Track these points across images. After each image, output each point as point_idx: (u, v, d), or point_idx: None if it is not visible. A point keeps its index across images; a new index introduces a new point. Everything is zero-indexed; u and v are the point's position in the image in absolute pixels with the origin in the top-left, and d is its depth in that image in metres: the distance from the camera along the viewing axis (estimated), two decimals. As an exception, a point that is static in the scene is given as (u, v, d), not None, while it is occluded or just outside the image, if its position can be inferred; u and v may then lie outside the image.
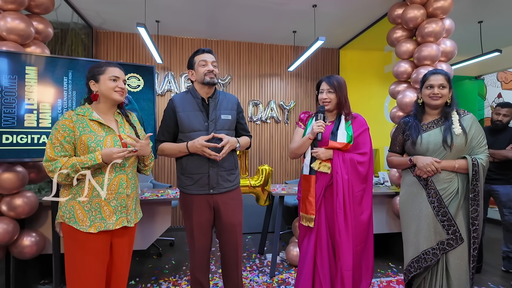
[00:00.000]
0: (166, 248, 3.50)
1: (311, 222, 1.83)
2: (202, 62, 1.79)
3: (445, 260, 1.72)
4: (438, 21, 2.69)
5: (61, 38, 3.46)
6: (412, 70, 2.86)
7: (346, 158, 1.80)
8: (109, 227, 1.44)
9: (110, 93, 1.49)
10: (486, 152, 1.70)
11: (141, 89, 2.33)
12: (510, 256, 2.89)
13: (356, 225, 1.80)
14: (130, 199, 1.53)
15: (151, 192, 2.74)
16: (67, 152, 1.42)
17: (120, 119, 1.59)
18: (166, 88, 4.18)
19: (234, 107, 1.90)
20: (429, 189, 1.76)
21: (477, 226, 1.67)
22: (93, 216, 1.42)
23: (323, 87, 1.88)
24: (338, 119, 1.88)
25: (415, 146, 1.81)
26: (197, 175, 1.76)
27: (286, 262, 3.03)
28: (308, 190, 1.84)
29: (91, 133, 1.44)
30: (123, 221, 1.49)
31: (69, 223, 1.41)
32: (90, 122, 1.46)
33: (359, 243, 1.82)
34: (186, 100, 1.82)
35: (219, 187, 1.78)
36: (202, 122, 1.78)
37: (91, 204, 1.42)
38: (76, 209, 1.42)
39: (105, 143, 1.45)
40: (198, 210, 1.77)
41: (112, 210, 1.46)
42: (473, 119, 1.73)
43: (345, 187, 1.77)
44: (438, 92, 1.75)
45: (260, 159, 4.48)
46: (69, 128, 1.42)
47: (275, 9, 3.40)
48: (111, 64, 1.54)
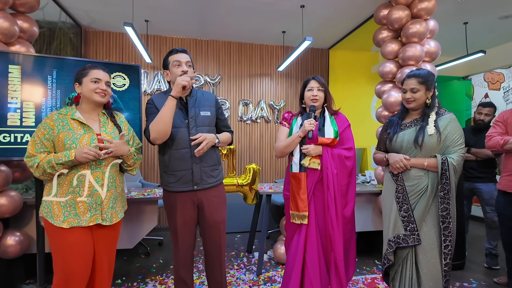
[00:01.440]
0: (155, 248, 3.50)
1: (305, 219, 1.86)
2: (176, 63, 1.78)
3: (414, 255, 1.77)
4: (422, 22, 2.74)
5: (49, 37, 3.44)
6: (397, 70, 2.91)
7: (335, 154, 1.87)
8: (82, 223, 1.48)
9: (91, 94, 1.55)
10: (460, 152, 1.73)
11: (126, 88, 2.33)
12: (492, 253, 2.95)
13: (343, 217, 1.88)
14: (106, 197, 1.55)
15: (138, 191, 2.74)
16: (46, 149, 1.49)
17: (104, 119, 1.63)
18: (156, 87, 4.18)
19: (212, 104, 1.91)
20: (397, 185, 1.82)
21: (447, 225, 1.70)
22: (67, 212, 1.47)
23: (313, 85, 1.94)
24: (323, 116, 1.96)
25: (391, 143, 1.88)
26: (180, 171, 1.76)
27: (274, 260, 3.06)
28: (299, 188, 1.87)
29: (69, 131, 1.50)
30: (98, 218, 1.52)
31: (47, 217, 1.47)
32: (71, 121, 1.53)
33: (347, 233, 1.91)
34: (165, 99, 1.77)
35: (203, 183, 1.79)
36: (182, 119, 1.78)
37: (66, 200, 1.47)
38: (53, 205, 1.48)
39: (80, 141, 1.49)
40: (182, 208, 1.78)
41: (87, 207, 1.50)
42: (451, 119, 1.76)
43: (335, 182, 1.85)
44: (410, 96, 1.81)
45: (250, 159, 4.50)
46: (49, 126, 1.49)
47: (264, 9, 3.42)
48: (96, 67, 1.59)
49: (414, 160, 1.77)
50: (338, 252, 1.82)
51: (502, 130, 2.25)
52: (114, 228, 1.62)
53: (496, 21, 3.69)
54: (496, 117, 2.33)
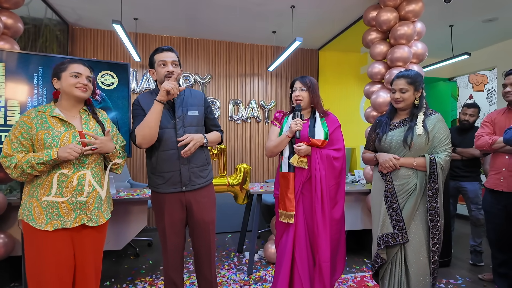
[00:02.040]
0: (144, 248, 3.46)
1: (291, 218, 1.87)
2: (161, 62, 1.74)
3: (404, 253, 1.80)
4: (410, 24, 2.79)
5: (34, 34, 3.35)
6: (385, 71, 2.95)
7: (323, 155, 1.88)
8: (66, 225, 1.42)
9: (71, 89, 1.48)
10: (447, 152, 1.77)
11: (115, 86, 2.30)
12: (477, 250, 3.03)
13: (331, 218, 1.89)
14: (92, 197, 1.49)
15: (127, 191, 2.70)
16: (24, 148, 1.42)
17: (85, 116, 1.56)
18: (145, 86, 4.13)
19: (201, 103, 1.87)
20: (387, 184, 1.85)
21: (436, 223, 1.74)
22: (50, 214, 1.40)
23: (296, 86, 1.95)
24: (313, 116, 1.96)
25: (380, 143, 1.91)
26: (168, 173, 1.74)
27: (264, 260, 3.06)
28: (287, 187, 1.88)
29: (49, 129, 1.43)
30: (83, 218, 1.46)
31: (27, 220, 1.40)
32: (50, 118, 1.45)
33: (335, 234, 1.91)
34: (150, 99, 1.74)
35: (192, 184, 1.77)
36: (169, 119, 1.74)
37: (48, 201, 1.41)
38: (34, 207, 1.40)
39: (62, 139, 1.43)
40: (170, 209, 1.76)
41: (71, 208, 1.43)
42: (438, 119, 1.81)
43: (323, 183, 1.85)
44: (398, 96, 1.84)
45: (241, 158, 4.50)
46: (27, 124, 1.41)
47: (254, 9, 3.42)
48: (75, 61, 1.52)
49: (403, 160, 1.81)
50: (322, 254, 1.82)
51: (490, 130, 2.31)
52: (100, 229, 1.57)
53: (481, 24, 3.79)
54: (485, 117, 2.40)
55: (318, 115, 1.96)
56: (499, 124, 2.28)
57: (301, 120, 1.87)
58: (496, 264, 2.35)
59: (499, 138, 2.18)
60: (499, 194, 2.22)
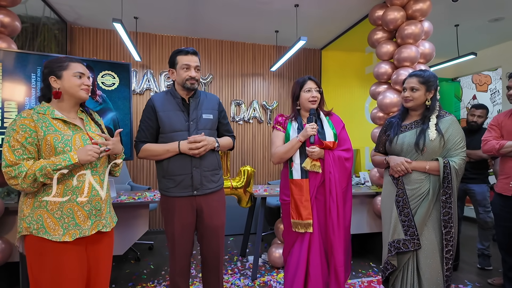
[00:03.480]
0: (145, 252, 3.38)
1: (309, 227, 1.80)
2: (185, 66, 1.70)
3: (416, 260, 1.74)
4: (418, 23, 2.73)
5: (32, 33, 3.27)
6: (392, 71, 2.89)
7: (335, 156, 1.83)
8: (85, 233, 1.32)
9: (76, 90, 1.38)
10: (462, 155, 1.71)
11: (116, 87, 2.23)
12: (485, 254, 2.97)
13: (344, 221, 1.85)
14: (104, 202, 1.43)
15: (128, 195, 2.63)
16: (30, 155, 1.28)
17: (85, 117, 1.48)
18: (145, 86, 4.05)
19: (215, 107, 1.85)
20: (398, 188, 1.79)
21: (449, 229, 1.68)
22: (66, 223, 1.29)
23: (311, 86, 1.88)
24: (319, 118, 1.91)
25: (391, 145, 1.85)
26: (179, 176, 1.69)
27: (268, 264, 3.00)
28: (301, 195, 1.81)
29: (57, 133, 1.31)
30: (98, 225, 1.39)
31: (38, 234, 1.26)
32: (53, 120, 1.34)
33: (347, 238, 1.87)
34: (166, 100, 1.75)
35: (203, 188, 1.72)
36: (183, 122, 1.72)
37: (62, 211, 1.29)
38: (45, 218, 1.28)
39: (74, 143, 1.33)
40: (180, 213, 1.71)
41: (87, 215, 1.34)
42: (452, 121, 1.75)
43: (337, 185, 1.80)
44: (408, 95, 1.79)
45: (243, 160, 4.43)
46: (30, 128, 1.27)
47: (257, 8, 3.36)
48: (73, 59, 1.42)
49: (415, 164, 1.75)
50: (338, 258, 1.77)
51: (497, 134, 2.25)
52: (111, 234, 1.50)
53: (487, 24, 3.74)
54: (491, 121, 2.33)
55: (323, 116, 1.91)
56: (506, 128, 2.21)
57: (316, 125, 1.82)
58: (507, 268, 2.30)
59: (507, 142, 2.11)
60: (509, 199, 2.17)
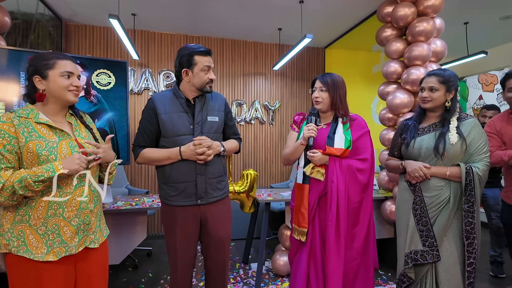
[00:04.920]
0: (143, 259, 3.25)
1: (303, 236, 1.66)
2: (206, 68, 1.57)
3: (435, 273, 1.62)
4: (430, 20, 2.60)
5: (25, 30, 3.13)
6: (402, 70, 2.76)
7: (344, 165, 1.64)
8: (71, 250, 1.19)
9: (63, 93, 1.23)
10: (486, 161, 1.58)
11: (112, 86, 2.09)
12: (498, 261, 2.85)
13: (351, 239, 1.65)
14: (93, 214, 1.29)
15: (125, 200, 2.49)
16: (9, 164, 1.13)
17: (74, 121, 1.33)
18: (144, 86, 3.91)
19: (221, 108, 1.70)
20: (415, 196, 1.66)
21: (472, 240, 1.56)
22: (50, 241, 1.15)
23: (316, 85, 1.74)
24: (335, 121, 1.73)
25: (407, 149, 1.72)
26: (182, 184, 1.56)
27: (272, 272, 2.87)
28: (301, 201, 1.68)
29: (40, 139, 1.17)
30: (86, 240, 1.25)
31: (18, 252, 1.12)
32: (37, 125, 1.19)
33: (353, 259, 1.65)
34: (168, 100, 1.60)
35: (208, 197, 1.59)
36: (188, 125, 1.57)
37: (47, 226, 1.15)
38: (27, 234, 1.14)
39: (59, 150, 1.18)
40: (183, 224, 1.58)
41: (74, 230, 1.20)
42: (474, 124, 1.62)
43: (340, 198, 1.61)
44: (427, 95, 1.67)
45: (244, 162, 4.30)
46: (10, 134, 1.13)
47: (261, 5, 3.22)
48: (61, 56, 1.25)
49: (435, 169, 1.62)
50: (332, 281, 1.57)
51: (498, 143, 2.05)
52: (103, 249, 1.36)
53: (497, 21, 3.62)
54: (487, 127, 2.12)
55: (340, 120, 1.72)
56: (507, 135, 2.03)
57: (316, 125, 1.67)
58: None
59: None
60: None
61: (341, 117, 1.72)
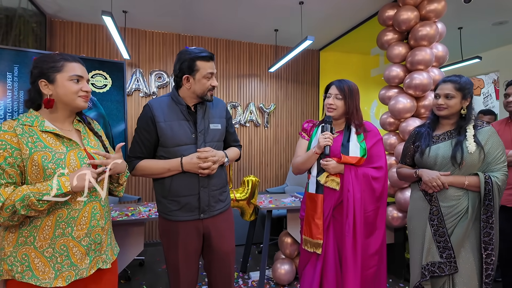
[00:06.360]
0: (135, 269, 3.08)
1: (319, 248, 1.59)
2: (209, 75, 1.46)
3: (452, 285, 1.58)
4: (433, 24, 2.59)
5: (6, 26, 2.90)
6: (404, 74, 2.74)
7: (359, 174, 1.58)
8: (82, 274, 1.07)
9: (72, 99, 1.10)
10: (504, 170, 1.56)
11: (108, 89, 1.95)
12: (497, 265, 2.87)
13: (367, 248, 1.61)
14: (104, 232, 1.16)
15: (119, 210, 2.34)
16: (10, 180, 1.00)
17: (83, 129, 1.20)
18: (134, 87, 3.72)
19: (223, 114, 1.61)
20: (432, 206, 1.62)
21: (490, 251, 1.53)
22: (58, 264, 1.03)
23: (331, 91, 1.66)
24: (348, 129, 1.66)
25: (422, 157, 1.67)
26: (184, 197, 1.44)
27: (273, 281, 2.78)
28: (314, 211, 1.60)
29: (47, 150, 1.03)
30: (98, 261, 1.13)
31: (22, 279, 0.99)
32: (42, 134, 1.05)
33: (370, 267, 1.62)
34: (167, 106, 1.47)
35: (211, 210, 1.49)
36: (189, 133, 1.46)
37: (55, 248, 1.03)
38: (32, 258, 1.01)
39: (68, 162, 1.05)
40: (185, 240, 1.46)
41: (84, 251, 1.08)
42: (491, 132, 1.59)
43: (356, 207, 1.56)
44: (442, 102, 1.62)
45: (239, 165, 4.19)
46: (12, 144, 1.00)
47: (258, 4, 3.13)
48: (69, 57, 1.12)
49: (453, 178, 1.57)
50: None
51: None
52: (114, 269, 1.24)
53: (490, 27, 3.68)
54: None
55: (353, 129, 1.66)
56: (504, 137, 2.08)
57: (331, 134, 1.59)
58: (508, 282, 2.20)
59: (509, 151, 1.97)
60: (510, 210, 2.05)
61: (356, 127, 1.66)
